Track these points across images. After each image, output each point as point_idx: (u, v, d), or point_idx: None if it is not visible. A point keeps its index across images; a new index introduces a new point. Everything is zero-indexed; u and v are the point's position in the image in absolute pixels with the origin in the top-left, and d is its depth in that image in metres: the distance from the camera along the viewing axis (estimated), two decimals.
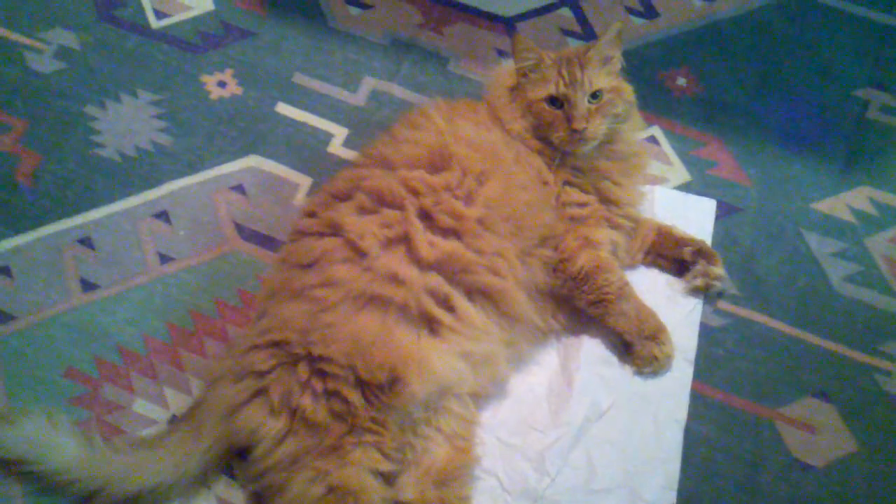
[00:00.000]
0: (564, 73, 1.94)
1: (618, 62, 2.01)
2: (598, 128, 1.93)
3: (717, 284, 2.08)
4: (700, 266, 2.06)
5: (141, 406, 1.96)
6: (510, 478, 1.86)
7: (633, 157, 2.06)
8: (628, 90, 2.01)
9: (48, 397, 1.96)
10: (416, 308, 1.76)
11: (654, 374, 1.98)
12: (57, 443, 1.76)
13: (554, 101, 1.94)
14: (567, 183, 1.97)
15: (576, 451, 1.89)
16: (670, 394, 1.97)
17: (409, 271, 1.77)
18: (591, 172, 1.99)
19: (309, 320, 1.74)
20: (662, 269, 2.12)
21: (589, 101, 1.93)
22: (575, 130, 1.91)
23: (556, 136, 1.94)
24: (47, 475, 1.75)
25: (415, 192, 1.84)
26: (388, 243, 1.80)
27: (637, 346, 1.96)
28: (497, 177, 1.89)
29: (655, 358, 1.95)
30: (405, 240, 1.80)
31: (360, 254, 1.78)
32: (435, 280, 1.79)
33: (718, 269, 2.07)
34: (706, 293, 2.09)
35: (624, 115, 1.99)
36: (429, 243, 1.80)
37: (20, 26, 2.53)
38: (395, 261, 1.78)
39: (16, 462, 1.78)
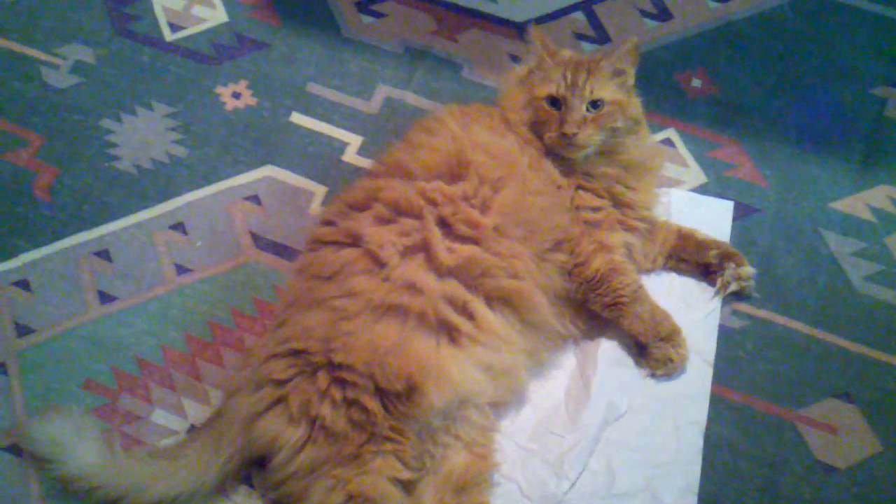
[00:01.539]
0: (569, 75, 1.94)
1: (630, 77, 2.01)
2: (590, 137, 1.92)
3: (752, 283, 2.07)
4: (730, 271, 2.05)
5: (159, 417, 1.96)
6: (529, 483, 1.85)
7: (640, 164, 2.04)
8: (635, 106, 2.00)
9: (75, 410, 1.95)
10: (435, 316, 1.75)
11: (669, 376, 1.97)
12: (79, 447, 1.77)
13: (554, 101, 1.94)
14: (580, 187, 1.96)
15: (595, 455, 1.88)
16: (690, 396, 1.96)
17: (427, 279, 1.77)
18: (601, 178, 1.98)
19: (329, 329, 1.74)
20: (684, 273, 2.11)
21: (588, 110, 1.92)
22: (565, 134, 1.90)
23: (547, 135, 1.94)
24: (66, 478, 1.76)
25: (433, 203, 1.83)
26: (407, 252, 1.79)
27: (652, 348, 1.94)
28: (512, 183, 1.88)
29: (671, 360, 1.94)
30: (424, 247, 1.79)
31: (380, 264, 1.78)
32: (453, 287, 1.78)
33: (748, 269, 2.06)
34: (739, 295, 2.08)
35: (625, 129, 1.97)
36: (447, 249, 1.79)
37: (36, 42, 2.55)
38: (413, 269, 1.77)
39: (38, 457, 1.80)
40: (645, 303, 1.95)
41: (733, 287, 2.05)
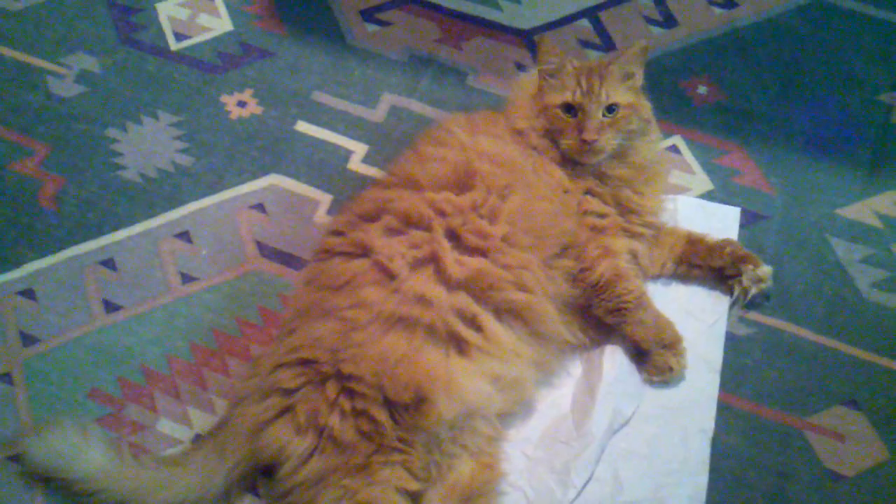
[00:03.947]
0: (583, 82, 1.93)
1: (639, 79, 2.01)
2: (608, 142, 1.92)
3: (770, 283, 2.06)
4: (748, 274, 2.03)
5: (165, 426, 1.96)
6: (536, 491, 1.84)
7: (651, 166, 2.04)
8: (646, 107, 2.01)
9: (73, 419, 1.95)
10: (444, 328, 1.75)
11: (667, 383, 1.96)
12: (84, 455, 1.76)
13: (570, 108, 1.94)
14: (588, 192, 1.96)
15: (602, 463, 1.87)
16: (697, 405, 1.95)
17: (437, 292, 1.76)
18: (610, 180, 1.98)
19: (339, 339, 1.73)
20: (696, 279, 2.10)
21: (604, 115, 1.93)
22: (584, 141, 1.90)
23: (565, 142, 1.94)
24: (71, 484, 1.76)
25: (442, 213, 1.83)
26: (416, 264, 1.79)
27: (654, 355, 1.94)
28: (518, 190, 1.88)
29: (671, 368, 1.93)
30: (433, 260, 1.79)
31: (390, 276, 1.77)
32: (462, 300, 1.78)
33: (765, 268, 2.05)
34: (750, 300, 2.07)
35: (639, 131, 1.98)
36: (456, 261, 1.79)
37: (42, 51, 2.55)
38: (423, 281, 1.77)
39: (43, 474, 1.80)
40: (648, 309, 1.94)
41: (754, 291, 2.04)
